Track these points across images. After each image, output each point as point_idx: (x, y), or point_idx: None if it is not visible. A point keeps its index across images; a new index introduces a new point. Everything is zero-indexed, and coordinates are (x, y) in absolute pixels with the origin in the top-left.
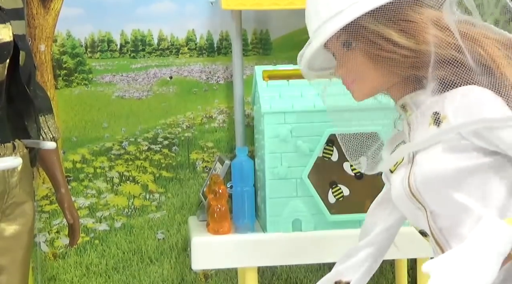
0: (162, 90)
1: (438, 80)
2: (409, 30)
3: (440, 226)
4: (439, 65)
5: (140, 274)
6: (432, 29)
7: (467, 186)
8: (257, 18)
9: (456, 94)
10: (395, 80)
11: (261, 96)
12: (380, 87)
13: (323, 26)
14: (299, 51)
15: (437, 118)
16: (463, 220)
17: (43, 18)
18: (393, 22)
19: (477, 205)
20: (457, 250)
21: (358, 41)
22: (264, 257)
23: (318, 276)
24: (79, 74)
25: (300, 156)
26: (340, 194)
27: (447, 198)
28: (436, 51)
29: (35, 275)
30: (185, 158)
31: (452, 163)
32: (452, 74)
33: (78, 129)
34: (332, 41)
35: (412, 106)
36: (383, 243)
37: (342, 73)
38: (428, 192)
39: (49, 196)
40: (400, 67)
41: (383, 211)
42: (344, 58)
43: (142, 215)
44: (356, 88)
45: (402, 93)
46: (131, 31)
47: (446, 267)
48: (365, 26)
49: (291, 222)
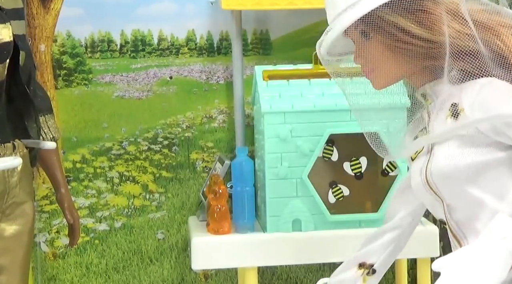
0: (162, 90)
1: (456, 70)
2: (425, 21)
3: (456, 219)
4: (457, 56)
5: (140, 274)
6: (448, 20)
7: (482, 181)
8: (257, 18)
9: (474, 86)
10: (414, 70)
11: (261, 96)
12: (399, 76)
13: (340, 16)
14: (299, 51)
15: (455, 110)
16: (478, 215)
17: (43, 18)
18: (410, 13)
19: (492, 199)
20: (468, 248)
21: (375, 31)
22: (264, 257)
23: (318, 276)
24: (79, 74)
25: (300, 156)
26: (340, 194)
27: (462, 192)
28: (452, 42)
29: (35, 275)
30: (185, 158)
31: (468, 158)
32: (470, 65)
33: (78, 129)
34: (351, 30)
35: (432, 95)
36: (407, 227)
37: (361, 62)
38: (444, 186)
39: (49, 196)
40: (417, 58)
41: (407, 195)
42: (362, 48)
43: (142, 215)
44: (375, 77)
45: (421, 83)
46: (131, 31)
47: (457, 266)
48: (382, 17)
49: (291, 222)
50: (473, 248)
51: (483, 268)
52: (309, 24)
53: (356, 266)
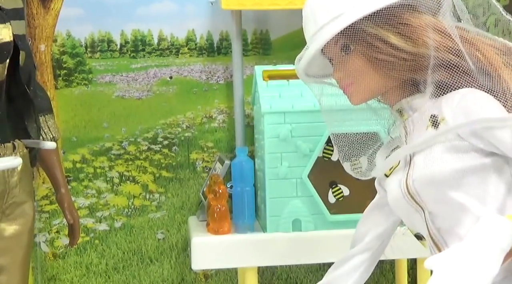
0: (162, 90)
1: (436, 83)
2: (407, 33)
3: (438, 227)
4: (437, 69)
5: (140, 274)
6: (430, 32)
7: (465, 186)
8: (257, 18)
9: (454, 96)
10: (393, 83)
11: (261, 96)
12: (377, 90)
13: (321, 30)
14: (299, 51)
15: (435, 120)
16: (461, 220)
17: (43, 18)
18: (392, 26)
19: (476, 205)
20: (459, 246)
21: (357, 44)
22: (264, 257)
23: (318, 276)
24: (79, 74)
25: (300, 156)
26: (340, 194)
27: (445, 198)
28: (434, 54)
29: (35, 275)
30: (185, 158)
31: (451, 164)
32: (450, 78)
33: (78, 129)
34: (330, 45)
35: (408, 110)
36: (376, 249)
37: (339, 77)
38: (426, 193)
39: (49, 196)
40: (398, 70)
41: (377, 217)
42: (342, 62)
43: (142, 215)
44: (354, 91)
45: (398, 98)
46: (131, 31)
47: (449, 263)
48: (364, 29)
49: (291, 222)
50: (464, 245)
51: (475, 265)
52: None
53: None
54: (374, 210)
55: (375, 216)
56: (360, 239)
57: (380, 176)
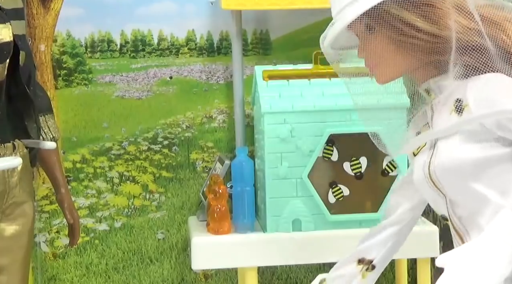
0: (162, 90)
1: (461, 65)
2: (431, 15)
3: (459, 215)
4: (462, 51)
5: (140, 274)
6: (454, 14)
7: (486, 177)
8: (257, 18)
9: (478, 82)
10: (418, 64)
11: (261, 96)
12: (403, 71)
13: (345, 9)
14: (299, 51)
15: (459, 105)
16: (481, 210)
17: (43, 18)
18: (416, 7)
19: (496, 195)
20: (472, 244)
21: (381, 25)
22: (264, 257)
23: None
24: (79, 74)
25: (300, 156)
26: (340, 194)
27: (466, 188)
28: (458, 37)
29: (35, 275)
30: (185, 158)
31: (472, 153)
32: (475, 60)
33: (78, 129)
34: (355, 23)
35: (435, 90)
36: (407, 222)
37: (365, 56)
38: (447, 181)
39: (49, 196)
40: (422, 52)
41: (407, 190)
42: (366, 42)
43: (142, 215)
44: (379, 71)
45: (425, 77)
46: (131, 31)
47: (461, 261)
48: (387, 11)
49: (291, 222)
50: (476, 244)
51: (487, 264)
52: (309, 24)
53: (355, 262)
54: (406, 183)
55: (406, 189)
56: (393, 211)
57: (410, 153)
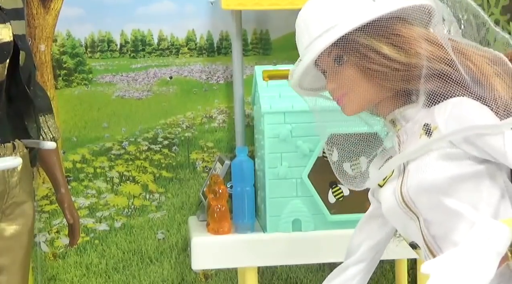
0: (162, 90)
1: (428, 93)
2: (399, 43)
3: (433, 234)
4: (430, 79)
5: (140, 274)
6: (422, 43)
7: (459, 193)
8: (257, 18)
9: (446, 105)
10: (386, 94)
11: (261, 96)
12: (371, 101)
13: (314, 42)
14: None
15: (428, 129)
16: (456, 227)
17: (43, 18)
18: (384, 37)
19: (470, 211)
20: (456, 250)
21: (350, 55)
22: (264, 257)
23: (318, 276)
24: (79, 74)
25: (300, 156)
26: (340, 194)
27: (440, 205)
28: (426, 64)
29: (35, 275)
30: (185, 158)
31: (445, 171)
32: (442, 87)
33: (78, 129)
34: (323, 57)
35: (401, 120)
36: (370, 260)
37: (333, 88)
38: (421, 200)
39: (49, 196)
40: (390, 81)
41: (371, 228)
42: (335, 73)
43: (142, 215)
44: (347, 102)
45: (391, 108)
46: (131, 31)
47: (446, 267)
48: (356, 40)
49: (291, 222)
50: (460, 249)
51: (473, 269)
52: None
53: None
54: (368, 221)
55: (369, 227)
56: (355, 250)
57: (374, 187)
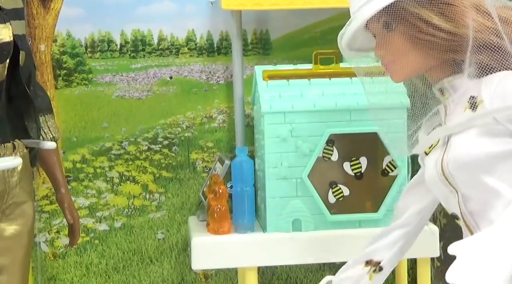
0: (162, 90)
1: (476, 64)
2: (449, 13)
3: (470, 210)
4: (478, 50)
5: (140, 274)
6: (472, 13)
7: (499, 171)
8: (257, 18)
9: (493, 79)
10: (434, 63)
11: (261, 96)
12: (419, 69)
13: (364, 6)
14: (299, 51)
15: (474, 102)
16: (493, 204)
17: (43, 18)
18: (433, 5)
19: (508, 189)
20: (484, 233)
21: (398, 22)
22: (264, 257)
23: (318, 276)
24: (79, 74)
25: (300, 156)
26: (340, 194)
27: (478, 181)
28: (475, 35)
29: (35, 275)
30: (185, 158)
31: (486, 148)
32: (491, 59)
33: (78, 129)
34: (373, 21)
35: (449, 89)
36: (415, 225)
37: (381, 53)
38: (460, 175)
39: (49, 196)
40: (439, 50)
41: (418, 193)
42: (384, 39)
43: (142, 215)
44: (395, 69)
45: (440, 77)
46: (131, 31)
47: (472, 250)
48: (405, 8)
49: (291, 222)
50: (488, 233)
51: (498, 254)
52: (309, 24)
53: (363, 263)
54: (415, 186)
55: (415, 192)
56: (400, 214)
57: (421, 153)
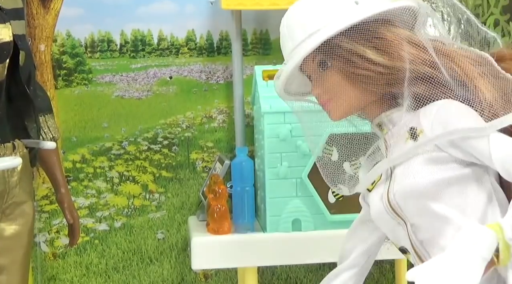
0: (162, 90)
1: (413, 96)
2: (383, 47)
3: (421, 239)
4: (414, 82)
5: (140, 274)
6: (405, 46)
7: (446, 197)
8: (257, 18)
9: (431, 109)
10: (371, 98)
11: (261, 96)
12: (356, 105)
13: (298, 47)
14: None
15: (414, 132)
16: (443, 231)
17: (43, 18)
18: (367, 40)
19: (457, 215)
20: (440, 256)
21: (334, 59)
22: (264, 257)
23: (318, 276)
24: (79, 74)
25: (300, 156)
26: (340, 194)
27: (426, 209)
28: (410, 67)
29: (35, 275)
30: (185, 158)
31: (431, 175)
32: (427, 90)
33: (78, 129)
34: (308, 62)
35: (388, 124)
36: (363, 265)
37: (318, 93)
38: (407, 205)
39: (49, 196)
40: (375, 85)
41: (363, 232)
42: (320, 78)
43: (142, 215)
44: (333, 107)
45: (377, 112)
46: (131, 31)
47: (431, 273)
48: (340, 45)
49: (291, 222)
50: (445, 255)
51: (458, 275)
52: None
53: None
54: (359, 225)
55: (360, 231)
56: (347, 255)
57: (364, 191)
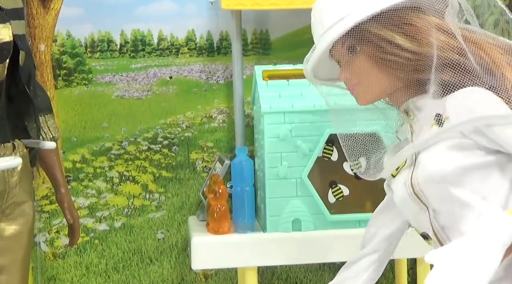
0: (162, 90)
1: (440, 83)
2: (412, 33)
3: (442, 224)
4: (442, 68)
5: (140, 274)
6: (434, 32)
7: (469, 183)
8: (257, 18)
9: (457, 95)
10: (398, 84)
11: (261, 96)
12: (384, 91)
13: (328, 31)
14: (299, 51)
15: (440, 119)
16: (465, 217)
17: (43, 18)
18: (396, 26)
19: (479, 201)
20: (460, 240)
21: (362, 45)
22: (264, 257)
23: (318, 276)
24: (79, 74)
25: (300, 156)
26: (340, 194)
27: (449, 195)
28: (438, 53)
29: (35, 275)
30: (185, 158)
31: (455, 161)
32: (454, 77)
33: (78, 129)
34: (337, 47)
35: (414, 110)
36: (386, 250)
37: (346, 77)
38: (430, 191)
39: (49, 196)
40: (403, 71)
41: (386, 218)
42: (349, 62)
43: (142, 215)
44: (360, 91)
45: (404, 98)
46: (131, 31)
47: (449, 257)
48: (369, 30)
49: (291, 222)
50: (466, 240)
51: (476, 259)
52: (308, 24)
53: None
54: (383, 211)
55: (383, 217)
56: (369, 240)
57: (388, 177)
